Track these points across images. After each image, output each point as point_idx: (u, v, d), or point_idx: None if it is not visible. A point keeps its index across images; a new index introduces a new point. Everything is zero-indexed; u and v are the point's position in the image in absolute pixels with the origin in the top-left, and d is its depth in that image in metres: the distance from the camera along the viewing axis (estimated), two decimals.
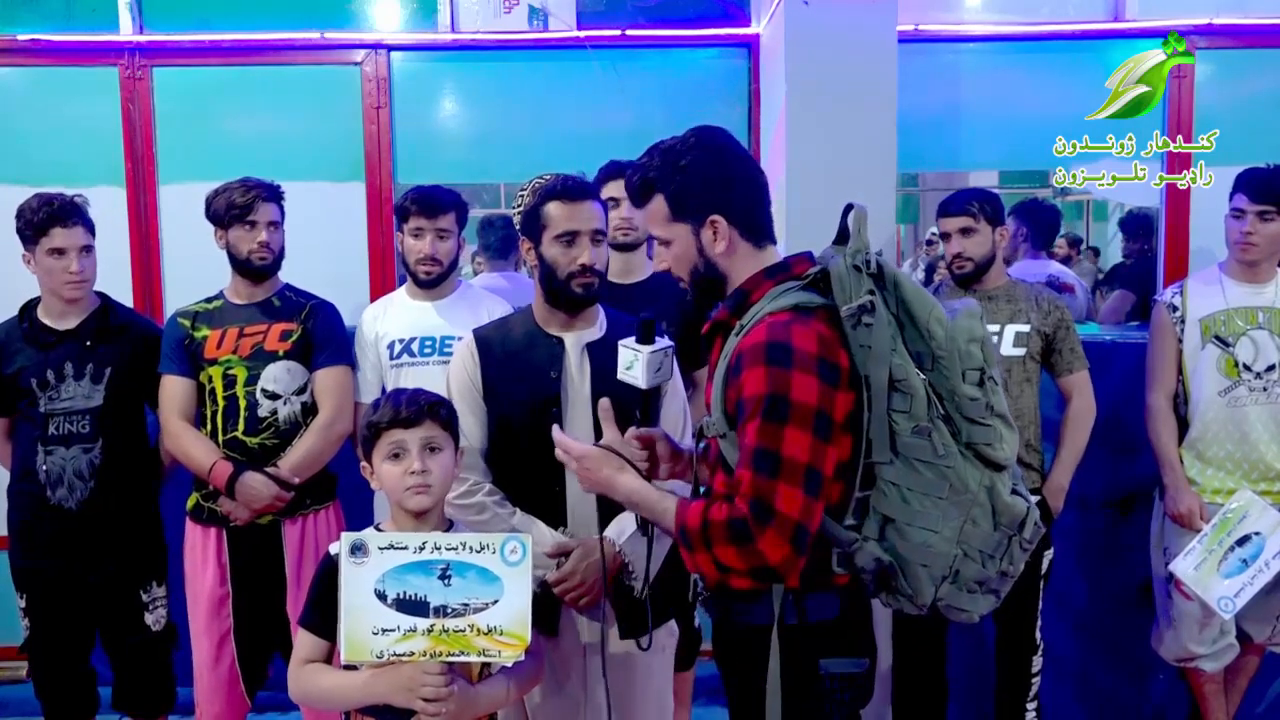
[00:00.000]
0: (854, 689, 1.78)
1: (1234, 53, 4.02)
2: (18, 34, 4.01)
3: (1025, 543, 1.71)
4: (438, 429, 1.99)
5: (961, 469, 1.66)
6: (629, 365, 1.97)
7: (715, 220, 1.79)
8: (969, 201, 3.04)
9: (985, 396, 1.68)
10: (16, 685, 3.59)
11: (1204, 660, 3.08)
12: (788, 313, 1.70)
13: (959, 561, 1.68)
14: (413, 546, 1.84)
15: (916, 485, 1.67)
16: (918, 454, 1.66)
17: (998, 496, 1.69)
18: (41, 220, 2.76)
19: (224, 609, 2.83)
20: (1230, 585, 2.86)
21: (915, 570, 1.68)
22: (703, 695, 3.39)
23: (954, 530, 1.67)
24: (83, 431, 2.81)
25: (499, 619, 1.84)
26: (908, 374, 1.66)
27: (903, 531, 1.67)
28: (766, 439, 1.63)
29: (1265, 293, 3.02)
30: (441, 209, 2.90)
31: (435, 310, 2.96)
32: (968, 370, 1.67)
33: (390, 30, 4.12)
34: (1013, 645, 3.09)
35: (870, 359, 1.66)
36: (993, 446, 1.68)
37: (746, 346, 1.69)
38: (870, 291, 1.67)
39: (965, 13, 4.12)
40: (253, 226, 2.81)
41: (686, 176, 1.79)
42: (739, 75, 4.10)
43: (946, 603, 1.70)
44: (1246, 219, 2.97)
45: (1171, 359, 3.09)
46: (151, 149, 4.06)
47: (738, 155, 1.83)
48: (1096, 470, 3.22)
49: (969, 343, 1.68)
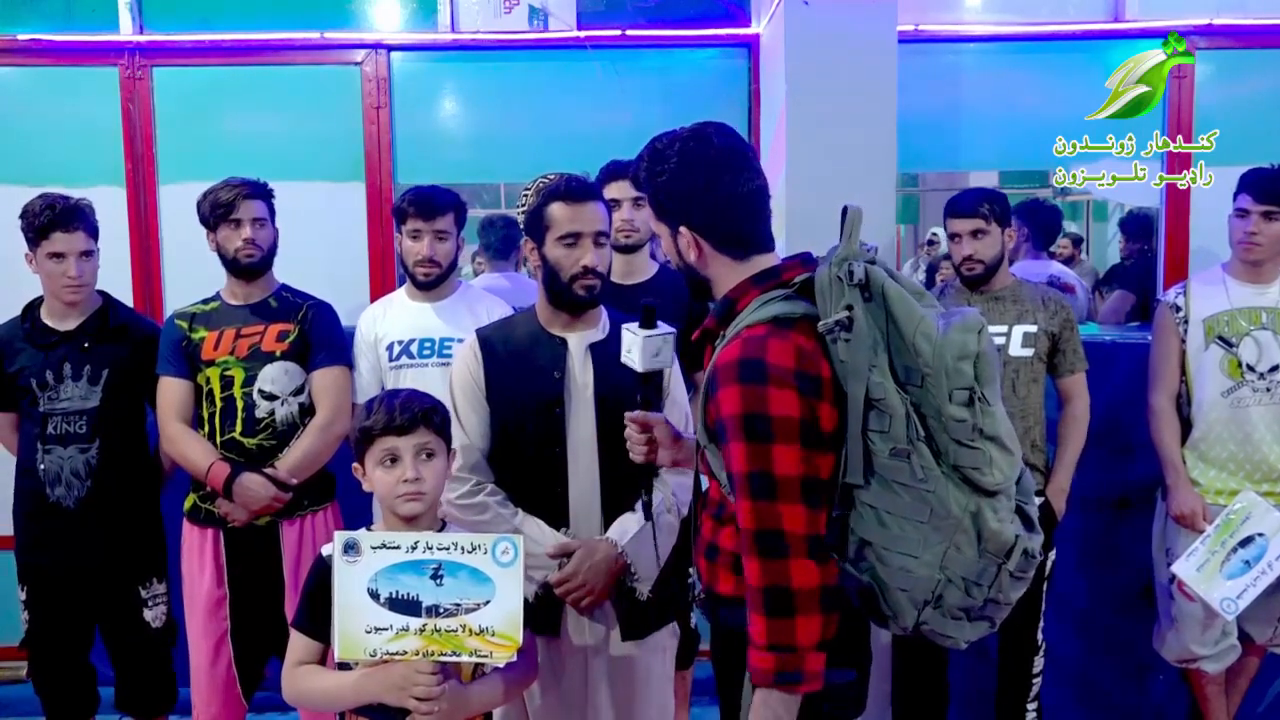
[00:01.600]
0: (836, 700, 1.72)
1: (1234, 53, 4.02)
2: (18, 34, 4.01)
3: (1016, 572, 1.61)
4: (431, 435, 1.97)
5: (944, 493, 1.58)
6: (629, 349, 2.00)
7: (683, 231, 1.77)
8: (980, 202, 3.02)
9: (973, 418, 1.58)
10: (17, 685, 3.58)
11: (1206, 661, 3.07)
12: (765, 325, 1.65)
13: (942, 587, 1.60)
14: (405, 546, 1.84)
15: (895, 508, 1.59)
16: (896, 476, 1.59)
17: (984, 523, 1.58)
18: (43, 223, 2.77)
19: (220, 610, 2.83)
20: (1233, 586, 2.85)
21: (895, 595, 1.61)
22: (701, 695, 3.39)
23: (936, 556, 1.58)
24: (79, 432, 2.81)
25: (490, 620, 1.84)
26: (886, 393, 1.58)
27: (881, 555, 1.61)
28: (756, 462, 1.59)
29: (1269, 293, 3.02)
30: (439, 210, 2.89)
31: (435, 312, 2.94)
32: (955, 390, 1.57)
33: (390, 30, 4.12)
34: (1014, 646, 3.09)
35: (847, 375, 1.60)
36: (980, 471, 1.58)
37: (721, 363, 1.66)
38: (848, 306, 1.60)
39: (965, 13, 4.12)
40: (238, 225, 2.80)
41: (662, 182, 1.77)
42: (739, 75, 4.10)
43: (930, 628, 1.63)
44: (1251, 219, 2.96)
45: (1174, 360, 3.08)
46: (151, 149, 4.06)
47: (721, 165, 1.74)
48: (1099, 471, 3.21)
49: (958, 360, 1.57)
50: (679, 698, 2.87)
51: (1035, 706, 3.12)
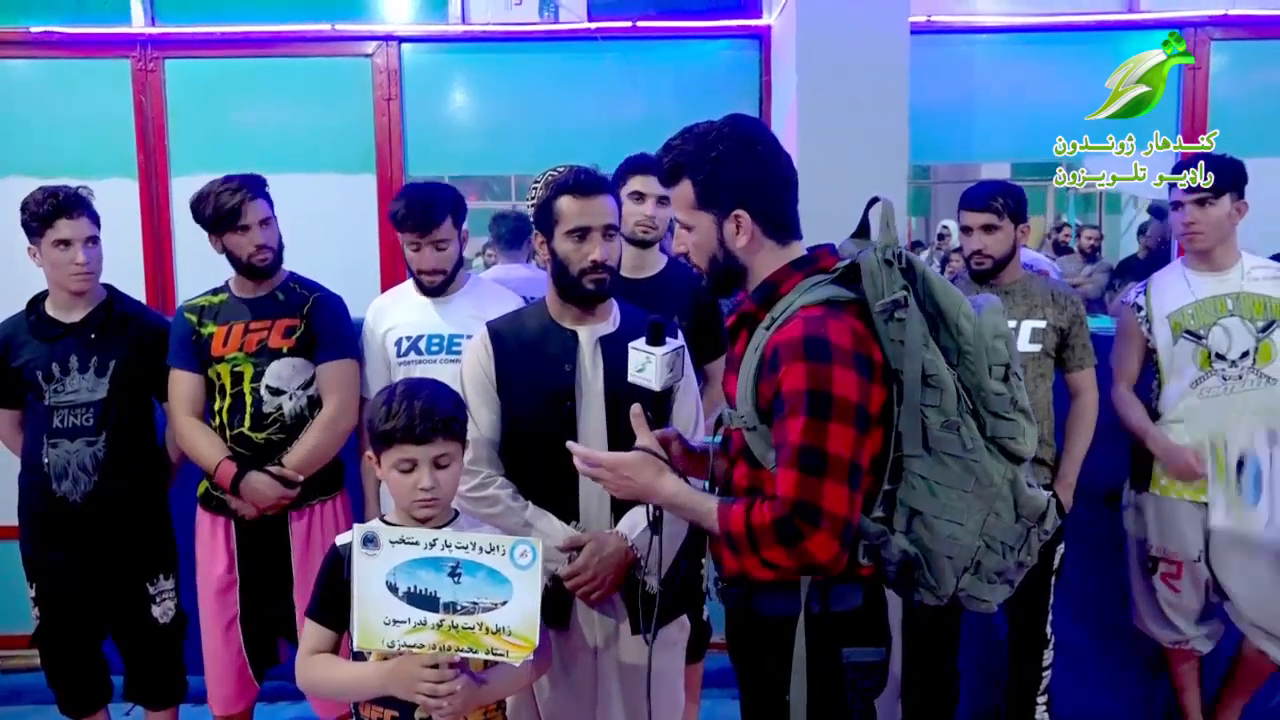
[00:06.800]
0: (873, 677, 1.80)
1: (1249, 44, 4.00)
2: (30, 26, 4.03)
3: (1044, 534, 1.74)
4: (449, 444, 1.96)
5: (986, 463, 1.69)
6: (640, 368, 1.95)
7: (739, 215, 1.77)
8: (993, 197, 2.98)
9: (1010, 391, 1.71)
10: (31, 673, 3.60)
11: (1197, 640, 3.11)
12: (820, 307, 1.70)
13: (981, 553, 1.71)
14: (423, 543, 1.84)
15: (944, 479, 1.69)
16: (946, 448, 1.68)
17: (1020, 489, 1.71)
18: (47, 212, 2.75)
19: (230, 595, 2.84)
20: (1264, 508, 2.90)
21: (940, 562, 1.70)
22: (712, 687, 3.39)
23: (978, 523, 1.70)
24: (86, 424, 2.81)
25: (507, 620, 1.84)
26: (939, 369, 1.68)
27: (929, 524, 1.70)
28: (812, 436, 1.63)
29: (1230, 278, 3.00)
30: (434, 221, 2.78)
31: (443, 308, 2.90)
32: (994, 366, 1.70)
33: (401, 22, 4.13)
34: (1024, 639, 3.08)
35: (904, 354, 1.67)
36: (1015, 440, 1.70)
37: (782, 340, 1.68)
38: (904, 287, 1.68)
39: (978, 4, 4.12)
40: (246, 230, 2.75)
41: (716, 167, 1.77)
42: (750, 67, 4.09)
43: (968, 593, 1.73)
44: (1185, 209, 2.98)
45: (1135, 357, 3.12)
46: (163, 141, 4.07)
47: (771, 150, 1.80)
48: (1108, 463, 3.20)
49: (995, 338, 1.70)
50: (690, 691, 2.87)
51: (1045, 700, 3.11)
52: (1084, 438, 3.04)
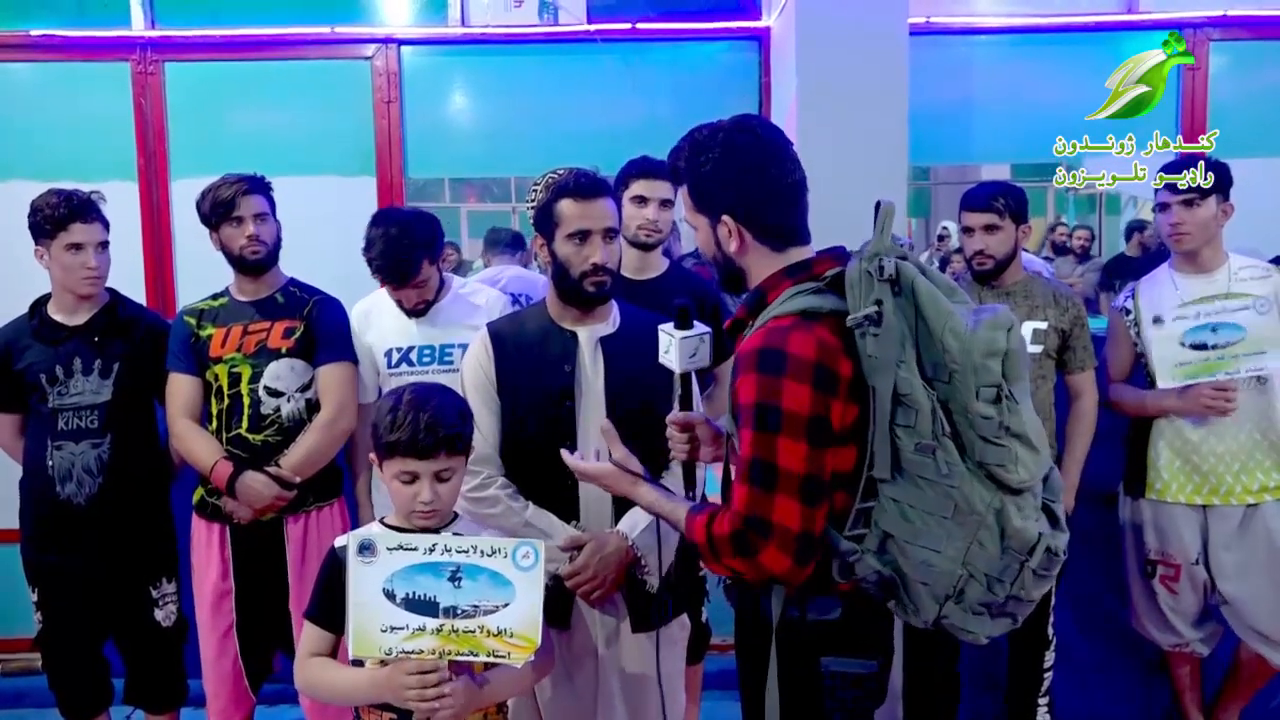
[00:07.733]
0: (858, 689, 1.75)
1: (1248, 44, 4.00)
2: (30, 29, 4.03)
3: (1039, 569, 1.63)
4: (452, 459, 1.96)
5: (968, 489, 1.59)
6: (666, 349, 1.98)
7: (725, 220, 1.77)
8: (994, 197, 2.97)
9: (1000, 416, 1.59)
10: (34, 676, 3.60)
11: (1197, 644, 3.11)
12: (791, 318, 1.66)
13: (964, 582, 1.62)
14: (422, 548, 1.83)
15: (918, 503, 1.62)
16: (921, 471, 1.61)
17: (1007, 520, 1.60)
18: (61, 215, 2.75)
19: (226, 604, 2.83)
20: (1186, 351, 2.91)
21: (916, 588, 1.65)
22: (712, 688, 3.39)
23: (958, 551, 1.61)
24: (91, 426, 2.81)
25: (509, 621, 1.84)
26: (913, 388, 1.59)
27: (903, 548, 1.64)
28: (761, 450, 1.61)
29: (1217, 280, 2.99)
30: (410, 276, 2.75)
31: (429, 321, 2.88)
32: (982, 387, 1.58)
33: (400, 24, 4.13)
34: (1025, 641, 3.08)
35: (875, 369, 1.61)
36: (1005, 468, 1.59)
37: (743, 351, 1.68)
38: (878, 301, 1.61)
39: (977, 5, 4.11)
40: (240, 222, 2.77)
41: (703, 173, 1.77)
42: (750, 68, 4.09)
43: (951, 622, 1.66)
44: (1172, 210, 2.97)
45: (1125, 360, 3.13)
46: (163, 144, 4.07)
47: (769, 156, 1.76)
48: (1108, 464, 3.20)
49: (986, 357, 1.59)
50: (690, 692, 2.87)
51: (1047, 702, 3.11)
52: (1084, 439, 3.04)
